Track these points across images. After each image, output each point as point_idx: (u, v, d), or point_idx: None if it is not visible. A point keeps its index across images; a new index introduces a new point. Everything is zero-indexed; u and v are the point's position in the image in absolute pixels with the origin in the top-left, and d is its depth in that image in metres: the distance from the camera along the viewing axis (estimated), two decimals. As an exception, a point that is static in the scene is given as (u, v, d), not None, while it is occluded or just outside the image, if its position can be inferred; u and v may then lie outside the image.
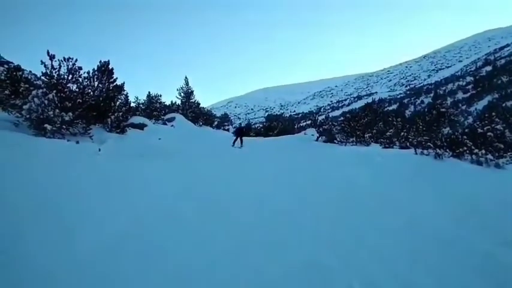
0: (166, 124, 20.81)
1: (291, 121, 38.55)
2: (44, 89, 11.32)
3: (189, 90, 30.09)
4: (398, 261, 4.18)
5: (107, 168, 8.17)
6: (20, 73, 12.95)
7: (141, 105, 25.68)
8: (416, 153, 11.60)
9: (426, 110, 31.89)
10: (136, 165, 9.15)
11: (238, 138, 18.64)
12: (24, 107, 10.58)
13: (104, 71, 14.62)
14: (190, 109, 28.55)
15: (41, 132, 10.56)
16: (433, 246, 4.53)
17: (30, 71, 13.95)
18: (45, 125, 10.61)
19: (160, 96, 27.13)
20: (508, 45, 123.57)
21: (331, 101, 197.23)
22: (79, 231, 4.46)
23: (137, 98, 27.22)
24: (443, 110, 21.99)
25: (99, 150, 10.25)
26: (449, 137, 12.42)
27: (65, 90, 12.59)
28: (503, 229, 4.85)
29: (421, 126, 20.01)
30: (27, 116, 10.58)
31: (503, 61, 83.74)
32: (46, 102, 10.80)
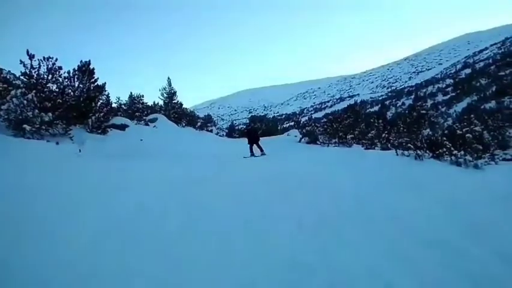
0: (148, 125, 20.65)
1: (275, 122, 38.69)
2: (23, 89, 11.13)
3: (172, 91, 29.91)
4: (376, 257, 4.28)
5: (87, 168, 8.10)
6: (-2, 72, 12.72)
7: (122, 106, 25.42)
8: (397, 154, 11.82)
9: (407, 111, 32.54)
10: (117, 166, 9.07)
11: (254, 145, 14.14)
12: (2, 107, 10.38)
13: (85, 71, 14.45)
14: (173, 110, 28.39)
15: (19, 133, 10.37)
16: (414, 244, 4.63)
17: (9, 71, 13.68)
18: (24, 126, 10.42)
19: (143, 96, 26.91)
20: (486, 48, 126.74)
21: (314, 103, 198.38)
22: (58, 230, 4.43)
23: (119, 98, 26.93)
24: (423, 111, 22.56)
25: (80, 151, 10.14)
26: (429, 138, 12.69)
27: (45, 90, 12.40)
28: (482, 227, 5.01)
29: (402, 128, 20.43)
30: (6, 117, 10.40)
31: (482, 64, 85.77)
32: (25, 102, 10.62)
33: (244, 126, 38.32)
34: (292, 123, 36.13)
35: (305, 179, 7.63)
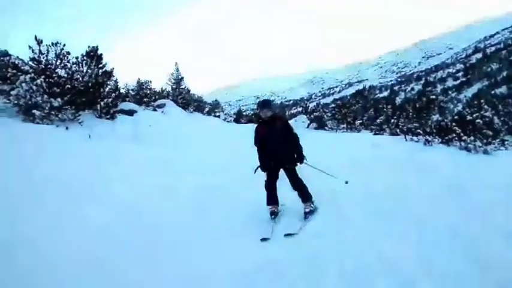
0: (156, 110, 20.68)
1: (282, 108, 38.53)
2: (32, 75, 11.19)
3: (179, 77, 29.81)
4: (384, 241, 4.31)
5: (97, 152, 8.23)
6: (7, 58, 12.76)
7: (130, 92, 25.42)
8: (406, 140, 11.76)
9: (416, 97, 32.17)
10: (127, 149, 9.20)
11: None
12: (12, 92, 10.47)
13: (93, 56, 14.46)
14: (180, 95, 28.35)
15: (29, 118, 10.49)
16: (418, 227, 4.66)
17: (17, 57, 13.71)
18: (34, 111, 10.53)
19: (150, 82, 26.86)
20: (497, 32, 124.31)
21: (322, 88, 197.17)
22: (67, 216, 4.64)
23: (127, 84, 26.91)
24: (433, 97, 22.18)
25: (89, 136, 10.25)
26: (438, 123, 12.59)
27: (53, 75, 12.44)
28: (487, 209, 5.00)
29: (411, 113, 20.22)
30: (15, 102, 10.50)
31: (493, 48, 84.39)
32: (34, 87, 10.69)
33: (252, 112, 38.03)
34: (300, 109, 35.87)
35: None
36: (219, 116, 29.31)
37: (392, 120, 20.12)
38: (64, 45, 12.91)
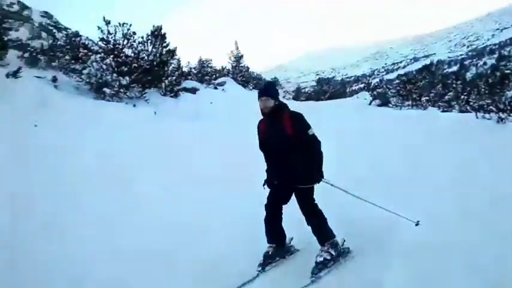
0: (217, 88, 20.96)
1: (343, 85, 37.45)
2: (102, 54, 11.75)
3: (239, 55, 29.89)
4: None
5: (163, 128, 8.60)
6: (79, 39, 13.48)
7: (192, 70, 25.97)
8: (477, 117, 10.87)
9: (489, 71, 29.71)
10: (191, 126, 9.46)
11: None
12: (83, 71, 11.09)
13: (157, 35, 14.81)
14: (240, 73, 28.48)
15: (100, 96, 11.08)
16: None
17: (87, 37, 14.44)
18: (104, 89, 11.11)
19: (211, 60, 27.24)
20: None
21: (386, 64, 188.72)
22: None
23: (189, 62, 27.51)
24: (507, 71, 20.33)
25: (155, 113, 10.65)
26: (513, 100, 11.48)
27: (121, 55, 12.96)
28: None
29: (483, 89, 18.67)
30: (87, 80, 11.10)
31: None
32: (104, 66, 11.23)
33: (312, 89, 37.43)
34: (362, 85, 34.60)
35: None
36: (278, 94, 29.05)
37: (462, 97, 18.72)
38: (130, 25, 13.32)
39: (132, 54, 13.72)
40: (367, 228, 3.98)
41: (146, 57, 14.32)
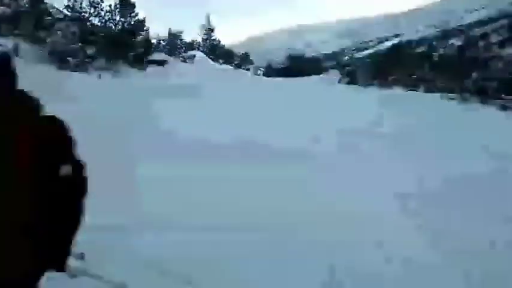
0: (186, 62, 20.77)
1: (314, 62, 37.48)
2: (67, 22, 11.42)
3: (210, 28, 29.54)
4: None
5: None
6: (43, 6, 12.98)
7: (161, 42, 25.50)
8: (442, 98, 11.46)
9: (456, 53, 30.60)
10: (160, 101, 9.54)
11: None
12: (48, 40, 10.77)
13: (126, 4, 14.46)
14: (210, 47, 28.22)
15: (64, 65, 10.82)
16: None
17: (52, 4, 13.90)
18: (69, 58, 10.83)
19: (182, 33, 26.80)
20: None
21: (356, 41, 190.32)
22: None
23: (158, 34, 26.95)
24: (474, 54, 21.14)
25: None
26: (477, 82, 12.12)
27: (87, 24, 12.63)
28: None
29: (449, 70, 19.40)
30: (51, 49, 10.80)
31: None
32: (69, 35, 10.94)
33: (281, 66, 36.98)
34: (333, 63, 34.92)
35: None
36: (248, 69, 29.06)
37: (428, 77, 19.41)
38: (97, -7, 12.98)
39: (99, 24, 13.39)
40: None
41: (113, 27, 14.01)
